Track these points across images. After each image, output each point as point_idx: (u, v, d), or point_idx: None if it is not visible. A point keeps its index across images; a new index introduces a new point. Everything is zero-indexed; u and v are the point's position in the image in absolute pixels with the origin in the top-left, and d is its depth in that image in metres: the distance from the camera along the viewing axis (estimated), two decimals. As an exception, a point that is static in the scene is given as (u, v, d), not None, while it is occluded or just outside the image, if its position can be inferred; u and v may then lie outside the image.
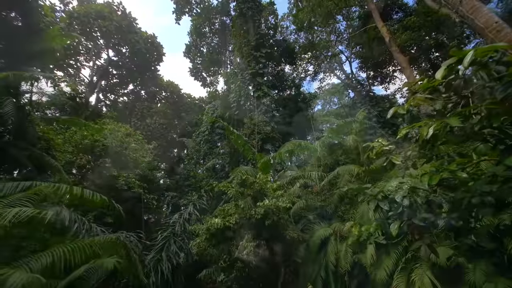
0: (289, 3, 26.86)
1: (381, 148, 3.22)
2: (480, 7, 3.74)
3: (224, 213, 5.63)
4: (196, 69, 27.29)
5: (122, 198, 14.32)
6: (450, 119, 1.83)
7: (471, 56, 1.65)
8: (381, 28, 12.83)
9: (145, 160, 15.20)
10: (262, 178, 6.05)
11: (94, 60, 24.91)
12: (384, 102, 18.90)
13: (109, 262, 3.86)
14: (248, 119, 13.27)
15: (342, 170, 8.02)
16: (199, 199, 11.14)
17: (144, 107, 22.67)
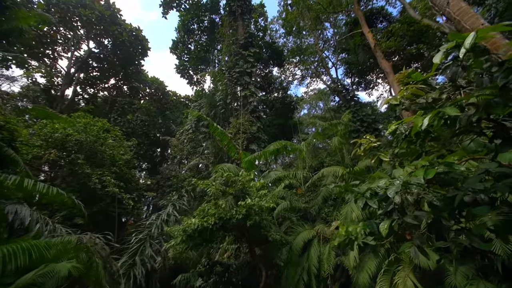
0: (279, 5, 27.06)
1: (369, 145, 3.08)
2: (467, 9, 3.77)
3: (204, 213, 5.26)
4: (182, 66, 26.56)
5: (96, 198, 13.39)
6: (446, 108, 1.68)
7: (473, 37, 1.50)
8: (367, 34, 13.14)
9: (123, 158, 14.34)
10: (245, 176, 5.76)
11: (72, 51, 23.44)
12: (367, 108, 19.48)
13: (64, 267, 3.36)
14: (234, 119, 12.97)
15: (327, 171, 7.95)
16: (179, 200, 10.59)
17: (125, 102, 21.58)
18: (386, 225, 1.92)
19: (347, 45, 22.00)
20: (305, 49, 27.37)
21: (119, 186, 12.81)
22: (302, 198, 8.80)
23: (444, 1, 4.12)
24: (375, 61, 19.26)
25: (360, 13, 14.87)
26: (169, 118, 27.85)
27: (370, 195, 2.30)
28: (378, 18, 21.23)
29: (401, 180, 1.88)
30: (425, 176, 1.70)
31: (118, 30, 21.38)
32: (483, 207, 1.88)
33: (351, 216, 5.67)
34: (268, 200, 5.58)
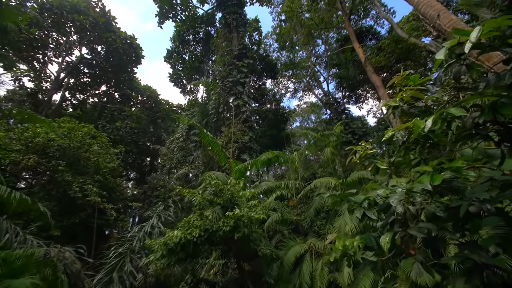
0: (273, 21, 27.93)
1: (365, 152, 2.93)
2: (457, 21, 3.83)
3: (189, 225, 4.88)
4: (176, 75, 26.53)
5: (76, 208, 12.59)
6: (451, 109, 1.55)
7: (479, 31, 1.40)
8: (358, 49, 13.55)
9: (108, 166, 13.71)
10: (234, 184, 5.46)
11: (64, 56, 23.04)
12: (358, 121, 19.84)
13: (21, 284, 2.92)
14: (226, 128, 12.78)
15: (319, 183, 7.76)
16: (165, 211, 10.05)
17: (115, 109, 21.09)
18: (387, 239, 1.72)
19: (338, 60, 22.68)
20: (297, 63, 28.12)
21: (102, 196, 12.12)
22: (294, 210, 8.51)
23: (435, 14, 4.20)
24: (366, 76, 19.87)
25: (351, 30, 15.43)
26: (161, 127, 27.36)
27: (368, 205, 2.11)
28: (367, 36, 22.17)
29: (404, 188, 1.70)
30: (431, 182, 1.53)
31: (112, 37, 21.27)
32: (491, 217, 1.72)
33: (345, 229, 5.45)
34: (258, 211, 5.28)
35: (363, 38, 21.34)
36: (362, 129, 15.97)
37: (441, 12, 4.13)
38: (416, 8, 4.80)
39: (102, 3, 21.08)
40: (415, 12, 22.25)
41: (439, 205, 2.00)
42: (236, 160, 8.75)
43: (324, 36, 26.23)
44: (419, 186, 1.60)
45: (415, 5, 4.80)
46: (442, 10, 4.18)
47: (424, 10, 4.55)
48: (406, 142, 2.47)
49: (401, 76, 2.23)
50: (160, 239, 4.72)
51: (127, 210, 19.59)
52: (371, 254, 1.91)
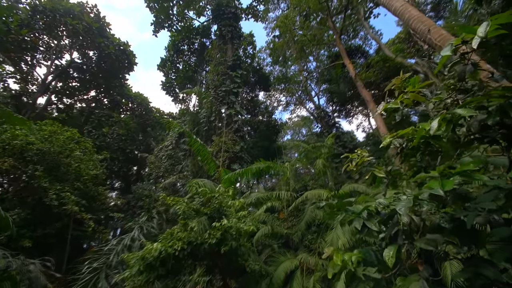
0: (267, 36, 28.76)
1: (361, 160, 2.79)
2: (447, 36, 3.93)
3: (171, 237, 4.49)
4: (169, 83, 26.38)
5: (52, 217, 11.73)
6: (459, 110, 1.44)
7: (487, 25, 1.32)
8: (348, 65, 13.97)
9: (90, 173, 13.00)
10: (223, 193, 5.15)
11: (53, 59, 22.50)
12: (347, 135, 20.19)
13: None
14: (217, 137, 12.55)
15: (311, 195, 7.57)
16: (148, 222, 9.46)
17: (103, 114, 20.47)
18: (392, 252, 1.53)
19: (329, 75, 23.38)
20: (290, 77, 28.78)
21: (81, 205, 11.36)
22: (284, 223, 8.21)
23: (425, 29, 4.32)
24: (355, 92, 20.48)
25: (341, 46, 16.00)
26: (150, 135, 26.71)
27: (368, 216, 1.93)
28: (356, 54, 23.16)
29: (410, 195, 1.54)
30: (442, 188, 1.37)
31: (105, 42, 21.07)
32: (500, 229, 1.58)
33: (337, 243, 5.22)
34: (248, 223, 4.97)
35: (353, 56, 22.24)
36: (352, 142, 16.17)
37: (431, 27, 4.25)
38: (407, 23, 4.95)
39: (97, 9, 21.03)
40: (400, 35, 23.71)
41: (444, 215, 1.86)
42: (226, 169, 8.46)
43: (316, 53, 27.18)
44: (426, 193, 1.45)
45: (406, 20, 4.95)
46: (432, 25, 4.30)
47: (415, 25, 4.69)
48: (405, 149, 2.36)
49: (401, 79, 2.15)
50: (138, 253, 4.27)
51: (109, 222, 18.48)
52: (374, 271, 1.71)
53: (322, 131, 19.01)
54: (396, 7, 5.27)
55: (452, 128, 1.62)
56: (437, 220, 1.79)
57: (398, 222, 1.60)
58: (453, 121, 1.51)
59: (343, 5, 19.31)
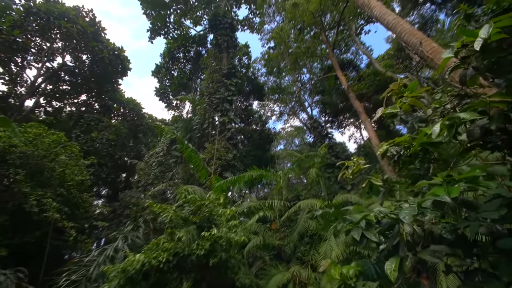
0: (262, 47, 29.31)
1: (358, 167, 2.72)
2: (438, 49, 4.03)
3: (157, 248, 4.21)
4: (163, 89, 26.23)
5: (32, 224, 11.06)
6: (461, 113, 1.39)
7: (489, 27, 1.29)
8: (341, 77, 14.28)
9: (75, 179, 12.43)
10: (213, 200, 4.93)
11: (44, 61, 22.07)
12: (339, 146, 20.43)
13: None
14: (210, 144, 12.37)
15: (304, 204, 7.43)
16: (134, 231, 9.01)
17: (92, 118, 19.97)
18: (394, 265, 1.41)
19: (322, 87, 23.87)
20: (284, 88, 29.21)
21: (63, 212, 10.75)
22: (276, 234, 7.99)
23: (417, 42, 4.43)
24: (347, 104, 20.92)
25: (334, 59, 16.43)
26: (141, 142, 26.15)
27: (367, 225, 1.83)
28: (348, 68, 23.87)
29: (413, 202, 1.45)
30: (448, 194, 1.29)
31: (99, 46, 20.89)
32: (507, 239, 1.51)
33: (331, 255, 5.05)
34: (239, 233, 4.75)
35: (345, 69, 22.91)
36: (344, 153, 16.31)
37: (423, 40, 4.37)
38: (399, 36, 5.09)
39: (93, 13, 20.99)
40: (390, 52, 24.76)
41: (445, 225, 1.77)
42: (218, 177, 8.25)
43: (309, 66, 27.85)
44: (429, 201, 1.36)
45: (398, 34, 5.10)
46: (424, 38, 4.43)
47: (407, 38, 4.82)
48: (402, 156, 2.30)
49: (398, 85, 2.12)
50: (119, 265, 3.95)
51: (93, 231, 17.61)
52: (375, 285, 1.58)
53: (315, 141, 19.16)
54: (389, 20, 5.44)
55: (453, 134, 1.57)
56: (438, 230, 1.71)
57: (400, 232, 1.50)
58: (454, 126, 1.46)
59: (335, 21, 20.05)
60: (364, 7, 6.67)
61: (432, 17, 20.75)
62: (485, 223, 1.63)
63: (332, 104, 21.18)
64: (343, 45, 25.81)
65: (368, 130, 11.91)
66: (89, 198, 13.78)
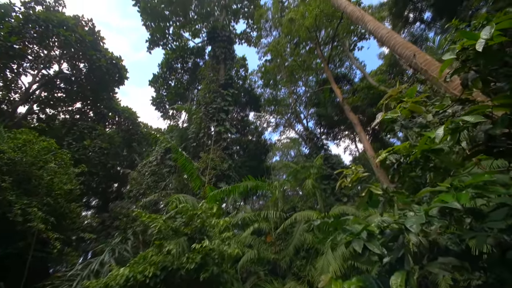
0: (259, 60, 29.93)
1: (356, 176, 2.64)
2: (432, 61, 4.11)
3: (144, 261, 3.94)
4: (159, 99, 26.24)
5: (15, 235, 10.50)
6: (465, 116, 1.34)
7: (491, 28, 1.27)
8: (336, 89, 14.54)
9: (64, 187, 11.99)
10: (206, 210, 4.71)
11: (40, 68, 21.99)
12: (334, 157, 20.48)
13: None
14: (205, 154, 12.20)
15: (300, 216, 7.24)
16: (122, 244, 8.59)
17: (86, 126, 19.67)
18: (400, 280, 1.29)
19: (317, 99, 24.26)
20: (279, 100, 29.61)
21: (49, 222, 10.25)
22: (271, 248, 7.71)
23: (411, 54, 4.53)
24: (342, 117, 21.22)
25: (329, 72, 16.82)
26: (135, 151, 25.72)
27: (369, 236, 1.72)
28: (343, 81, 24.45)
29: (419, 210, 1.35)
30: (458, 200, 1.20)
31: (96, 55, 20.99)
32: (516, 252, 1.42)
33: (328, 270, 4.84)
34: (232, 246, 4.51)
35: (339, 83, 23.45)
36: (339, 165, 16.30)
37: (417, 52, 4.46)
38: (393, 49, 5.21)
39: (92, 23, 21.26)
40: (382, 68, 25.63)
41: (451, 236, 1.67)
42: (212, 186, 8.03)
43: (305, 79, 28.48)
44: (435, 209, 1.27)
45: (391, 46, 5.22)
46: (417, 51, 4.53)
47: (400, 50, 4.93)
48: (402, 164, 2.24)
49: (397, 90, 2.09)
50: (101, 280, 3.66)
51: (81, 244, 16.83)
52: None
53: (310, 152, 19.18)
54: (383, 34, 5.60)
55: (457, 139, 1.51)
56: (444, 241, 1.60)
57: (405, 243, 1.39)
58: (458, 130, 1.40)
59: (330, 37, 20.76)
60: (359, 21, 6.88)
61: (422, 35, 21.64)
62: (492, 234, 1.54)
63: (327, 116, 21.44)
64: (337, 60, 26.62)
65: (363, 141, 11.98)
66: (77, 208, 13.25)
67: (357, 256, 1.74)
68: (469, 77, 1.44)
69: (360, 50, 23.98)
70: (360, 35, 23.07)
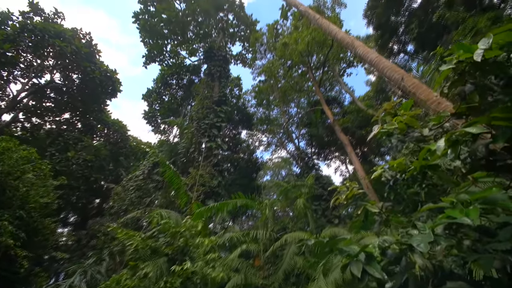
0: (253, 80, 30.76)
1: (352, 193, 2.52)
2: (419, 84, 4.26)
3: (118, 286, 3.50)
4: (152, 113, 26.05)
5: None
6: (467, 128, 1.28)
7: (489, 38, 1.26)
8: (327, 110, 14.92)
9: (40, 201, 11.18)
10: (191, 228, 4.33)
11: (31, 77, 21.65)
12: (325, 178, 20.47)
13: None
14: (194, 170, 11.85)
15: (290, 238, 6.92)
16: (97, 265, 7.83)
17: (71, 137, 18.99)
18: (405, 308, 1.13)
19: (309, 120, 24.80)
20: (272, 120, 30.07)
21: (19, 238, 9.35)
22: (260, 272, 7.22)
23: (399, 77, 4.70)
24: (333, 137, 21.63)
25: (321, 94, 17.39)
26: (122, 165, 24.81)
27: (367, 259, 1.55)
28: (333, 104, 25.31)
29: (425, 228, 1.23)
30: (470, 216, 1.09)
31: (91, 67, 20.97)
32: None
33: (320, 297, 4.49)
34: (217, 269, 4.12)
35: (330, 105, 24.26)
36: (330, 185, 16.22)
37: (405, 76, 4.64)
38: (382, 72, 5.42)
39: (90, 36, 21.53)
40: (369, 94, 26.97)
41: (455, 259, 1.54)
42: (199, 203, 7.62)
43: (297, 100, 29.33)
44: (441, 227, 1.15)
45: (380, 70, 5.43)
46: (405, 74, 4.71)
47: (389, 74, 5.12)
48: (398, 181, 2.15)
49: (391, 104, 2.06)
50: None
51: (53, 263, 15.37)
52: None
53: (301, 172, 19.11)
54: (372, 58, 5.86)
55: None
56: (448, 264, 1.46)
57: (409, 265, 1.24)
58: (459, 143, 1.34)
59: (321, 62, 21.85)
60: (349, 46, 7.23)
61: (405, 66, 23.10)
62: (497, 255, 1.42)
63: (318, 136, 21.79)
64: (327, 84, 27.83)
65: (354, 162, 12.05)
66: (51, 224, 12.26)
67: (355, 281, 1.56)
68: (466, 90, 1.41)
69: (349, 76, 25.23)
70: (349, 62, 24.43)
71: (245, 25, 27.04)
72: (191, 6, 23.84)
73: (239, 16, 26.30)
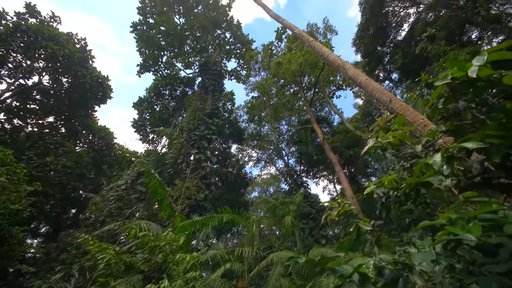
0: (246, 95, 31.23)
1: (343, 209, 2.44)
2: (407, 106, 4.42)
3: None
4: (141, 121, 25.56)
5: None
6: (466, 143, 1.26)
7: (484, 56, 1.29)
8: (317, 129, 15.19)
9: (10, 207, 10.30)
10: (171, 242, 4.00)
11: (19, 77, 20.95)
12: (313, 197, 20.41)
13: None
14: (181, 181, 11.44)
15: (277, 257, 6.62)
16: (64, 281, 7.11)
17: (52, 142, 18.12)
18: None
19: (299, 137, 25.15)
20: (263, 136, 30.29)
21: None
22: (242, 294, 6.77)
23: (387, 99, 4.87)
24: (322, 156, 21.91)
25: (311, 113, 17.81)
26: (105, 174, 23.70)
27: (362, 280, 1.44)
28: (323, 123, 25.97)
29: (424, 245, 1.16)
30: (473, 232, 1.03)
31: (83, 72, 20.64)
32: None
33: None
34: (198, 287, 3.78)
35: (320, 124, 24.88)
36: (318, 204, 16.11)
37: (392, 98, 4.82)
38: (371, 94, 5.61)
39: (85, 41, 21.42)
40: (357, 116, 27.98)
41: (451, 281, 1.46)
42: (183, 216, 7.22)
43: (288, 118, 29.92)
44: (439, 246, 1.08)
45: (370, 92, 5.64)
46: (393, 97, 4.90)
47: (378, 96, 5.32)
48: (391, 198, 2.10)
49: (385, 120, 2.07)
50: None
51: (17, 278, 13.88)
52: None
53: (290, 189, 18.96)
54: (361, 80, 6.10)
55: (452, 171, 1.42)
56: (446, 286, 1.38)
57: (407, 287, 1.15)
58: (455, 158, 1.32)
59: (312, 84, 22.70)
60: (340, 68, 7.53)
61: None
62: (494, 278, 1.36)
63: (308, 154, 22.00)
64: (318, 105, 28.75)
65: (342, 181, 12.10)
66: (20, 233, 11.24)
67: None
68: (460, 106, 1.43)
69: (338, 98, 26.25)
70: (338, 85, 25.54)
71: (241, 44, 27.96)
72: (190, 22, 24.52)
73: (236, 35, 27.24)
